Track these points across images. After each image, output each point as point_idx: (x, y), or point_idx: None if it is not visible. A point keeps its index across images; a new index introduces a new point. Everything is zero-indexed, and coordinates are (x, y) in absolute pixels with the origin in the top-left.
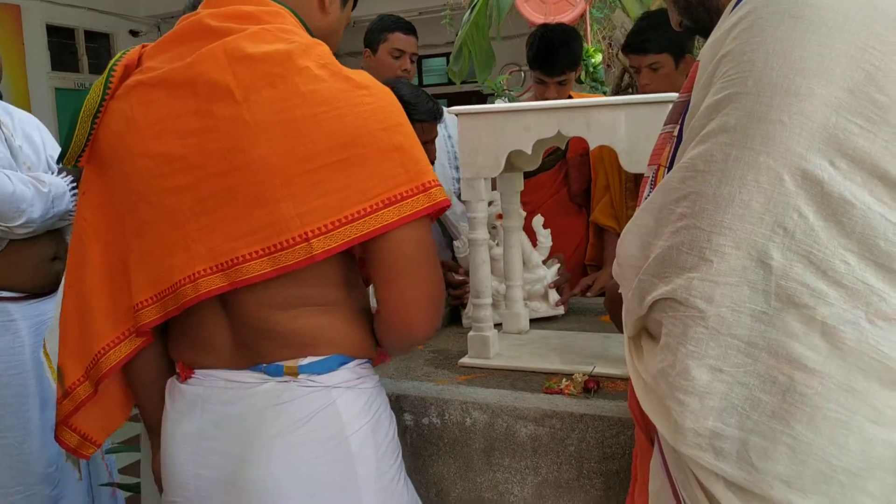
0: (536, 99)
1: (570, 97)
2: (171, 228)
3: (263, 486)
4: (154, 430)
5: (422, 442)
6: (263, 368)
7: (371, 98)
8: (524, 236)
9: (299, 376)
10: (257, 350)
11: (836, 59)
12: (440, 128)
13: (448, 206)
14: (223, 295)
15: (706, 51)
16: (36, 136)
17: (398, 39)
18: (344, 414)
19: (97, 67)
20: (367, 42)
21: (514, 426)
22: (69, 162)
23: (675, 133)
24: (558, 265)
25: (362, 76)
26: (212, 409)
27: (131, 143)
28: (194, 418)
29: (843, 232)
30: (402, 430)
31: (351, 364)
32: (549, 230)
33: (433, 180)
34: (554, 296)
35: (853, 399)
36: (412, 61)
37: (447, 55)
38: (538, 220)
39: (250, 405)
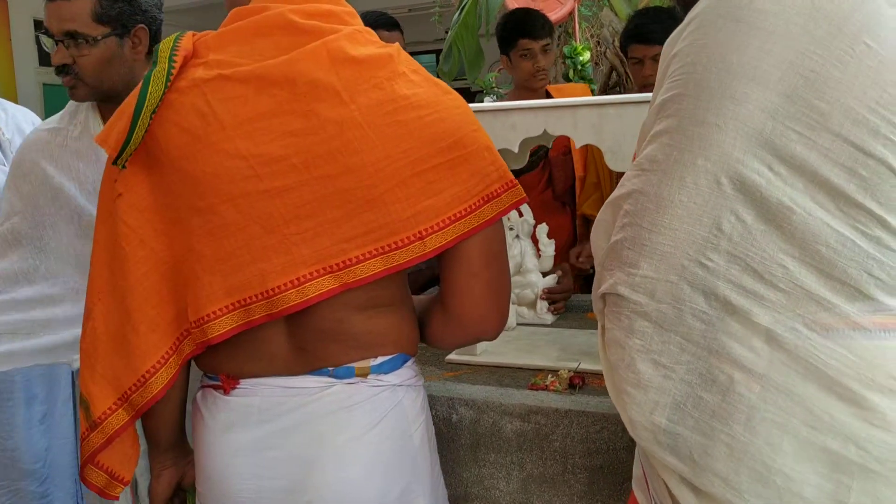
0: (522, 81)
1: (548, 94)
2: (263, 232)
3: (339, 489)
4: (165, 448)
5: None
6: (331, 372)
7: (458, 102)
8: (528, 243)
9: (369, 377)
10: (320, 353)
11: (776, 64)
12: None
13: (526, 202)
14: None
15: (665, 49)
16: (29, 130)
17: (381, 37)
18: (409, 412)
19: None
20: None
21: (500, 422)
22: (123, 160)
23: None
24: (557, 275)
25: (442, 82)
26: (271, 418)
27: (215, 142)
28: (248, 429)
29: (783, 236)
30: None
31: (410, 362)
32: (553, 240)
33: (512, 178)
34: (543, 305)
35: (790, 402)
36: None
37: (436, 52)
38: (542, 229)
39: (316, 410)
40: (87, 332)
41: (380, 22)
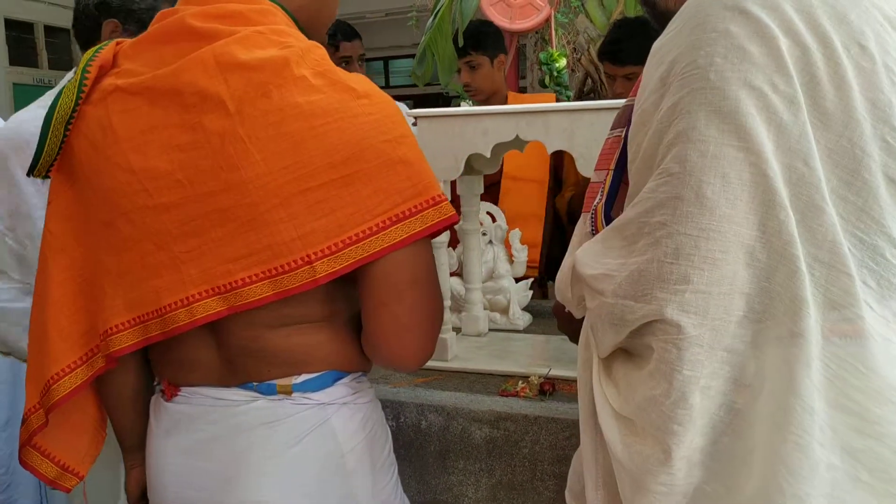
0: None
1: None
2: (155, 249)
3: None
4: (129, 448)
5: None
6: (255, 387)
7: (373, 108)
8: (501, 249)
9: (294, 394)
10: (246, 369)
11: (789, 55)
12: None
13: (457, 222)
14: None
15: (654, 56)
16: None
17: (344, 48)
18: (339, 432)
19: (57, 63)
20: None
21: (469, 429)
22: (41, 173)
23: (623, 135)
24: (532, 280)
25: (363, 83)
26: (199, 427)
27: (110, 156)
28: (181, 437)
29: (813, 240)
30: None
31: (346, 379)
32: (525, 246)
33: (442, 193)
34: (516, 310)
35: (811, 420)
36: (361, 63)
37: (414, 56)
38: (515, 235)
39: (240, 424)
40: (29, 332)
41: (338, 35)
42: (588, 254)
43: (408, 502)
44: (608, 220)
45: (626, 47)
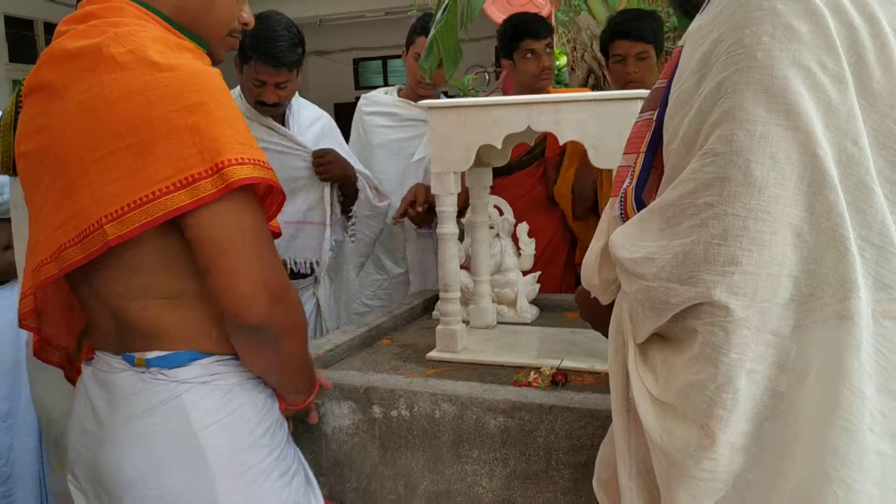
0: (526, 82)
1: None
2: (33, 220)
3: (115, 476)
4: None
5: (390, 434)
6: (124, 356)
7: (173, 80)
8: (509, 242)
9: (150, 369)
10: (123, 339)
11: (838, 38)
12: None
13: (250, 183)
14: (93, 284)
15: (692, 37)
16: None
17: (417, 43)
18: (191, 409)
19: None
20: (406, 42)
21: (484, 418)
22: (5, 170)
23: (655, 118)
24: (538, 274)
25: (172, 59)
26: (91, 391)
27: (17, 146)
28: (83, 397)
29: (864, 221)
30: (371, 423)
31: (205, 360)
32: (533, 239)
33: (232, 158)
34: (523, 303)
35: (861, 405)
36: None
37: None
38: (523, 228)
39: (111, 392)
40: None
41: (424, 27)
42: (624, 237)
43: (303, 485)
44: (639, 203)
45: (640, 26)
